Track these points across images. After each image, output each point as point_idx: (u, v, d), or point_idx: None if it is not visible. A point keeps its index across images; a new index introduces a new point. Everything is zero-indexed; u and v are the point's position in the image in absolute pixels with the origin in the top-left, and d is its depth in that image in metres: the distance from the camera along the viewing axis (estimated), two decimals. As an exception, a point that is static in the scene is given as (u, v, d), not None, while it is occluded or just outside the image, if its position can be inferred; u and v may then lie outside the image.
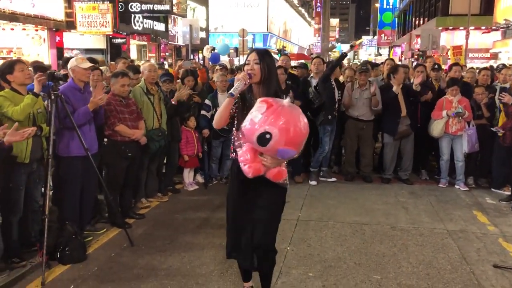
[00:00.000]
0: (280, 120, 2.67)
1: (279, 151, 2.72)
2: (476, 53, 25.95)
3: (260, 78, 3.01)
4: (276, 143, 2.67)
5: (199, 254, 4.46)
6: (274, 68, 3.10)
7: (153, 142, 5.56)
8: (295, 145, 2.75)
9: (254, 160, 2.84)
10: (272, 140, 2.66)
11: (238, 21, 31.81)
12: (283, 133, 2.66)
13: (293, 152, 2.76)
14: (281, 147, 2.70)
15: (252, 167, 2.84)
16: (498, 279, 4.03)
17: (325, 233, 5.06)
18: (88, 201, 4.84)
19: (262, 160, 2.84)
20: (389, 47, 53.48)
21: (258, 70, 2.99)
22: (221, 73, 6.82)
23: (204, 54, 16.64)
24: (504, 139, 6.07)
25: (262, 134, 2.66)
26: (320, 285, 3.86)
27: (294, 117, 2.73)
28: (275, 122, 2.66)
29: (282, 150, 2.72)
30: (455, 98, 6.69)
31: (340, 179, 7.34)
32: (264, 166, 2.86)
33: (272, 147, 2.69)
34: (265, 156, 2.83)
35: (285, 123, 2.66)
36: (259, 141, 2.68)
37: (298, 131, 2.72)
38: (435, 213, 5.83)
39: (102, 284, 3.85)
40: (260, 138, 2.67)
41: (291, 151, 2.75)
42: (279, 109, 2.70)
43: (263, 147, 2.71)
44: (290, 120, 2.69)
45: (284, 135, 2.66)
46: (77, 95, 4.56)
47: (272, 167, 2.89)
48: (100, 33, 18.44)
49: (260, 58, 3.00)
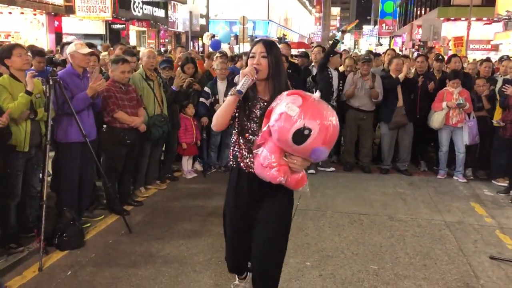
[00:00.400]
0: (320, 114, 2.35)
1: (314, 151, 2.38)
2: (477, 45, 25.88)
3: (267, 74, 2.62)
4: (314, 141, 2.33)
5: (197, 241, 4.47)
6: (282, 62, 2.73)
7: (156, 128, 5.53)
8: (331, 144, 2.43)
9: (281, 162, 2.46)
10: (311, 137, 2.32)
11: (239, 8, 31.59)
12: (323, 130, 2.34)
13: (327, 152, 2.47)
14: (318, 146, 2.37)
15: (282, 170, 2.45)
16: (494, 270, 4.05)
17: (323, 222, 5.06)
18: (86, 187, 4.82)
19: (289, 163, 2.47)
20: (390, 37, 53.23)
21: (265, 64, 2.60)
22: (221, 61, 6.77)
23: (204, 41, 16.55)
24: (505, 131, 6.06)
25: (300, 129, 2.31)
26: (317, 274, 3.87)
27: (331, 113, 2.40)
28: (315, 117, 2.33)
29: (318, 150, 2.38)
30: (456, 90, 6.66)
31: (339, 169, 7.34)
32: (290, 170, 2.49)
33: (308, 145, 2.35)
34: (293, 157, 2.46)
35: (325, 119, 2.35)
36: (295, 138, 2.32)
37: (336, 128, 2.40)
38: (433, 204, 5.83)
39: (100, 270, 3.85)
40: (297, 134, 2.31)
41: (326, 151, 2.43)
42: (315, 103, 2.38)
43: (298, 145, 2.35)
44: (328, 115, 2.37)
45: (324, 132, 2.34)
46: (76, 81, 4.52)
47: (299, 171, 2.53)
48: (99, 19, 18.29)
49: (268, 51, 2.62)
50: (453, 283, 3.80)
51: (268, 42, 2.69)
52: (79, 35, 17.63)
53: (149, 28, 23.31)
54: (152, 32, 24.17)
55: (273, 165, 2.44)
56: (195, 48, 23.35)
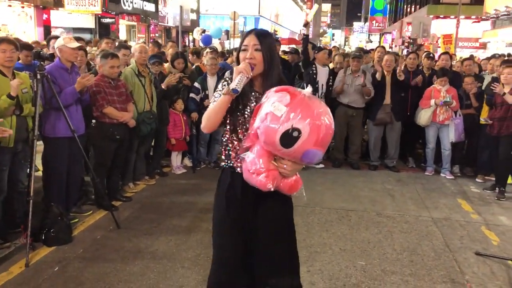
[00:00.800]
0: (310, 113, 2.12)
1: (306, 153, 2.15)
2: (466, 42, 26.07)
3: (263, 68, 2.38)
4: (304, 142, 2.12)
5: (186, 237, 4.46)
6: (277, 53, 2.47)
7: (144, 125, 5.51)
8: (325, 145, 2.20)
9: (269, 167, 2.24)
10: (301, 139, 2.10)
11: (230, 3, 31.45)
12: (315, 130, 2.12)
13: (321, 154, 2.21)
14: (310, 148, 2.14)
15: (271, 176, 2.23)
16: (479, 266, 4.10)
17: (312, 219, 5.09)
18: (74, 182, 4.80)
19: (279, 167, 2.24)
20: (380, 34, 53.43)
21: (260, 58, 2.35)
22: (211, 56, 6.75)
23: (195, 36, 16.49)
24: (492, 129, 6.13)
25: (288, 131, 2.09)
26: (305, 270, 3.89)
27: (324, 109, 2.20)
28: (304, 116, 2.11)
29: (311, 152, 2.15)
30: (444, 88, 6.73)
31: (328, 165, 7.37)
32: (281, 175, 2.27)
33: (299, 148, 2.13)
34: (282, 161, 2.23)
35: (316, 118, 2.13)
36: (283, 140, 2.11)
37: (329, 127, 2.18)
38: (420, 200, 5.89)
39: (88, 266, 3.84)
40: (285, 136, 2.10)
41: (320, 153, 2.19)
42: (306, 100, 2.16)
43: (287, 148, 2.13)
44: (320, 114, 2.15)
45: (315, 132, 2.12)
46: (64, 75, 4.48)
47: (291, 175, 2.29)
48: (88, 12, 18.13)
49: (262, 42, 2.36)
50: (439, 279, 3.85)
51: (260, 32, 2.42)
52: (68, 28, 17.43)
53: (139, 23, 23.16)
54: (142, 27, 24.02)
55: (261, 171, 2.22)
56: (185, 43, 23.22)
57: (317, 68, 6.98)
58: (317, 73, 6.96)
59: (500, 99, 5.96)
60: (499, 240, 4.73)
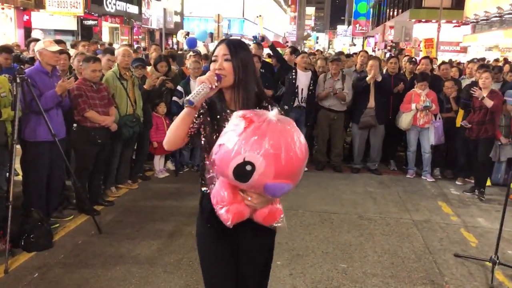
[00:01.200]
0: (265, 142, 1.86)
1: (266, 188, 1.91)
2: (447, 46, 26.49)
3: (233, 81, 2.15)
4: (261, 176, 1.87)
5: (168, 242, 4.45)
6: (252, 65, 2.22)
7: (126, 128, 5.48)
8: (290, 176, 1.93)
9: (234, 199, 2.01)
10: (256, 172, 1.86)
11: (214, 6, 31.45)
12: (271, 161, 1.86)
13: (288, 186, 1.94)
14: (269, 182, 1.89)
15: (232, 210, 2.00)
16: (458, 267, 4.18)
17: (295, 221, 5.12)
18: (55, 187, 4.75)
19: (244, 199, 2.01)
20: (364, 38, 53.96)
21: (229, 69, 2.14)
22: (195, 60, 6.75)
23: (178, 39, 16.45)
24: (471, 133, 6.25)
25: (240, 165, 1.86)
26: (288, 273, 3.91)
27: (286, 136, 1.90)
28: (258, 147, 1.85)
29: (271, 186, 1.90)
30: (424, 92, 6.84)
31: (311, 168, 7.42)
32: (249, 207, 2.04)
33: (257, 182, 1.89)
34: (248, 193, 2.00)
35: (273, 147, 1.85)
36: (236, 175, 1.89)
37: (293, 156, 1.88)
38: (402, 203, 5.97)
39: (68, 271, 3.80)
40: (237, 170, 1.87)
41: (285, 186, 1.93)
42: (263, 127, 1.89)
43: (244, 182, 1.91)
44: (281, 141, 1.87)
45: (273, 164, 1.86)
46: (45, 79, 4.44)
47: (259, 207, 2.05)
48: (70, 14, 17.94)
49: (233, 53, 2.15)
50: (419, 281, 3.91)
51: (233, 42, 2.22)
52: (49, 30, 17.27)
53: (122, 25, 23.00)
54: (125, 29, 23.85)
55: (223, 204, 2.00)
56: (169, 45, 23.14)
57: (297, 73, 7.02)
58: (297, 78, 7.00)
59: (478, 103, 6.08)
60: (477, 241, 4.82)
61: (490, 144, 6.25)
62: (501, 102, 6.11)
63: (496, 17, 21.11)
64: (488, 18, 22.11)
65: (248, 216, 2.05)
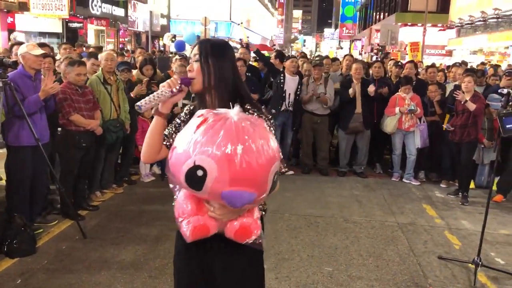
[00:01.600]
0: (217, 143, 1.62)
1: (223, 196, 1.66)
2: (433, 50, 26.82)
3: (202, 83, 1.94)
4: (215, 183, 1.63)
5: (153, 247, 4.43)
6: (228, 68, 1.97)
7: (109, 133, 5.45)
8: (251, 183, 1.66)
9: (198, 211, 1.78)
10: (209, 178, 1.62)
11: (201, 9, 31.43)
12: (224, 165, 1.61)
13: (249, 195, 1.67)
14: (225, 190, 1.65)
15: (193, 222, 1.76)
16: (441, 270, 4.22)
17: (281, 225, 5.13)
18: (39, 192, 4.70)
19: (209, 210, 1.78)
20: (350, 41, 54.36)
21: (198, 70, 1.94)
22: (180, 63, 6.73)
23: (165, 42, 16.40)
24: (454, 136, 6.33)
25: (191, 169, 1.63)
26: (273, 277, 3.92)
27: (245, 137, 1.64)
28: (208, 148, 1.62)
29: (228, 194, 1.66)
30: (408, 96, 6.91)
31: (298, 171, 7.45)
32: (216, 220, 1.79)
33: (212, 190, 1.65)
34: (211, 203, 1.77)
35: (226, 149, 1.61)
36: (189, 181, 1.66)
37: (253, 160, 1.63)
38: (387, 206, 6.02)
39: (52, 277, 3.76)
40: (189, 176, 1.65)
41: (245, 194, 1.66)
42: (216, 126, 1.65)
43: (198, 191, 1.68)
44: (237, 142, 1.62)
45: (226, 168, 1.61)
46: (28, 83, 4.39)
47: (225, 220, 1.79)
48: (55, 17, 17.77)
49: (202, 52, 1.94)
50: (403, 283, 3.95)
51: (208, 42, 2.01)
52: (34, 33, 17.07)
53: (108, 27, 22.85)
54: (111, 31, 23.70)
55: (183, 216, 1.78)
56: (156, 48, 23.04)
57: (285, 77, 7.06)
58: (285, 82, 7.03)
59: (461, 106, 6.16)
60: (460, 244, 4.88)
61: (473, 147, 6.34)
62: (483, 106, 6.20)
63: (480, 21, 21.43)
64: (472, 22, 22.44)
65: (215, 230, 1.80)
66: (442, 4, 27.05)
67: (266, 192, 1.73)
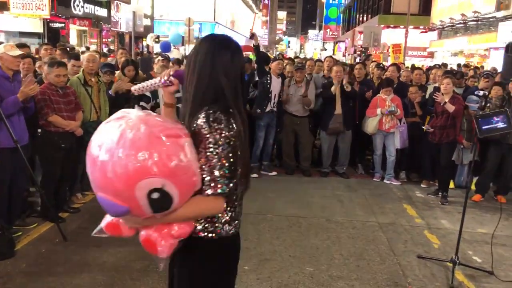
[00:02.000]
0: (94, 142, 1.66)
1: (98, 200, 1.68)
2: (415, 51, 27.18)
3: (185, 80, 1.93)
4: (93, 184, 1.68)
5: (135, 249, 4.39)
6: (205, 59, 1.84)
7: (88, 135, 5.39)
8: (113, 193, 1.61)
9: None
10: (90, 178, 1.69)
11: (185, 10, 31.28)
12: (89, 166, 1.66)
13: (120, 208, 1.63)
14: (97, 194, 1.67)
15: (107, 219, 1.86)
16: (421, 269, 4.29)
17: (263, 226, 5.15)
18: (17, 194, 4.63)
19: None
20: (334, 42, 54.71)
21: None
22: (162, 64, 6.71)
23: (148, 42, 16.31)
24: (434, 137, 6.43)
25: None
26: (255, 278, 3.94)
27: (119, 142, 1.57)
28: (92, 145, 1.67)
29: (99, 199, 1.67)
30: (389, 97, 7.00)
31: (281, 172, 7.48)
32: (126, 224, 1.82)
33: (95, 191, 1.70)
34: None
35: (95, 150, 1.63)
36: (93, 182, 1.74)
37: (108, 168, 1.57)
38: (368, 206, 6.08)
39: (30, 281, 3.72)
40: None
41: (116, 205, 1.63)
42: (107, 126, 1.67)
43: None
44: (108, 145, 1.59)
45: (90, 171, 1.65)
46: (6, 84, 4.33)
47: (129, 225, 1.81)
48: (36, 16, 17.51)
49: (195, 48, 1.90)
50: (383, 282, 4.00)
51: (206, 37, 1.95)
52: (14, 33, 16.80)
53: (91, 28, 22.60)
54: (94, 32, 23.45)
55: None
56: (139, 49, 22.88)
57: (271, 78, 7.09)
58: (271, 83, 7.07)
59: (440, 108, 6.26)
60: (439, 243, 4.96)
61: (452, 148, 6.45)
62: (462, 107, 6.31)
63: (460, 23, 21.81)
64: (453, 25, 22.82)
65: (128, 233, 1.82)
66: (424, 7, 27.44)
67: (142, 209, 1.62)
